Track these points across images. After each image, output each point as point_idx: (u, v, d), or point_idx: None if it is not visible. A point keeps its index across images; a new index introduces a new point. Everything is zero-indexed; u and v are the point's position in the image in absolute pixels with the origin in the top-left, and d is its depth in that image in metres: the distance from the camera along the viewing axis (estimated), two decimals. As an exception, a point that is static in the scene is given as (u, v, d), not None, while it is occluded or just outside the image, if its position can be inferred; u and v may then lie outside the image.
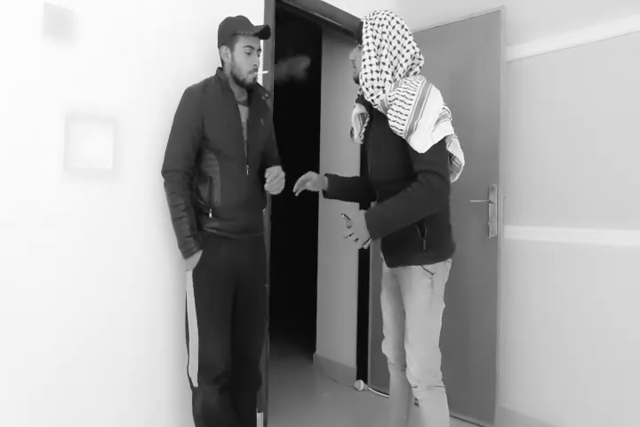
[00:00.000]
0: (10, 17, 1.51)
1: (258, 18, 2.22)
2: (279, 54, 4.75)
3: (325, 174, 1.91)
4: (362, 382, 2.91)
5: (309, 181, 1.83)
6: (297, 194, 1.86)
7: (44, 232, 1.58)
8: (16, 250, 1.52)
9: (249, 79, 1.77)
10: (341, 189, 1.91)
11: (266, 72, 1.85)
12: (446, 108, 1.61)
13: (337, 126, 3.15)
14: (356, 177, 2.00)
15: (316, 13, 2.54)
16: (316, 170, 3.35)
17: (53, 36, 1.60)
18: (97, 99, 1.71)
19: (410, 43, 1.65)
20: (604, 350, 2.12)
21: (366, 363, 2.93)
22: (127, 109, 1.78)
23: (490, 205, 2.39)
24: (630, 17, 2.07)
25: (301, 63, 4.77)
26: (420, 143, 1.52)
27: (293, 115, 5.63)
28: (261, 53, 1.88)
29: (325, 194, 1.91)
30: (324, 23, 2.69)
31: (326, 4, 2.57)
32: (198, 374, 1.68)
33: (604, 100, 2.15)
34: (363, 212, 1.56)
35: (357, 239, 1.55)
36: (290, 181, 1.81)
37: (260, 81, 2.22)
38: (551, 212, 2.30)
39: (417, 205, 1.53)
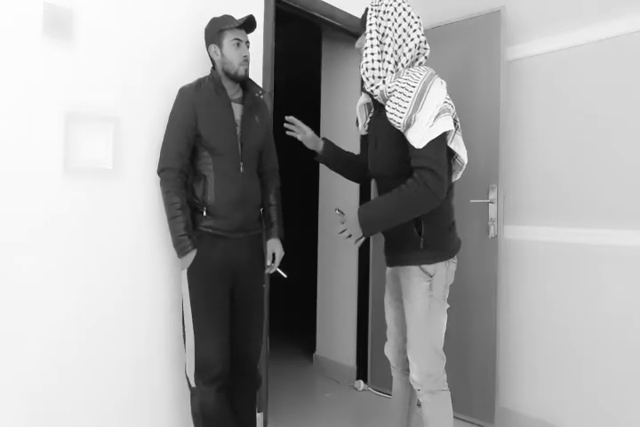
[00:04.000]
0: (10, 17, 1.51)
1: (258, 18, 2.22)
2: (279, 54, 4.75)
3: (323, 138, 1.88)
4: (362, 382, 2.91)
5: (303, 133, 1.84)
6: (285, 125, 1.86)
7: (43, 232, 1.58)
8: (16, 250, 1.52)
9: (240, 71, 1.77)
10: (334, 157, 1.87)
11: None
12: (449, 102, 1.52)
13: (337, 125, 3.15)
14: (353, 153, 1.94)
15: (315, 13, 2.54)
16: (316, 169, 3.35)
17: (53, 36, 1.59)
18: (97, 99, 1.70)
19: (415, 31, 1.57)
20: (604, 350, 2.11)
21: (366, 363, 2.93)
22: (127, 109, 1.78)
23: (490, 204, 2.39)
24: (630, 17, 2.07)
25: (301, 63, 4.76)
26: (418, 138, 1.45)
27: (293, 114, 5.62)
28: (251, 46, 1.87)
29: (317, 156, 1.88)
30: (323, 23, 2.69)
31: (326, 3, 2.57)
32: (195, 375, 1.68)
33: (604, 100, 2.15)
34: (356, 208, 1.53)
35: (350, 236, 1.51)
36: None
37: (259, 80, 2.22)
38: (551, 212, 2.30)
39: (410, 203, 1.47)
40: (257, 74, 2.21)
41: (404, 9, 1.59)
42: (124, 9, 1.78)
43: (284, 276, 1.99)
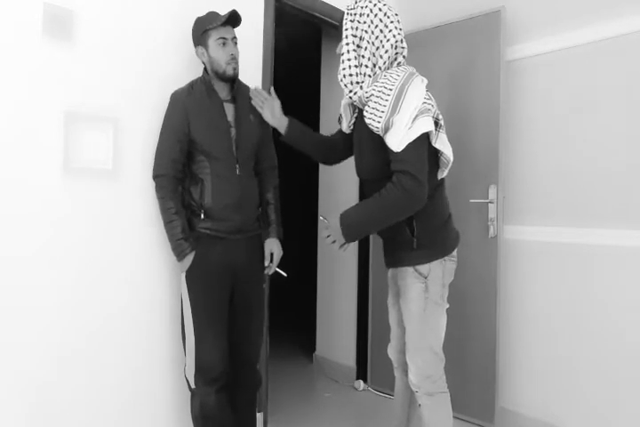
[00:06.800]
0: (10, 17, 1.51)
1: (258, 18, 2.22)
2: (279, 54, 4.75)
3: (288, 116, 1.86)
4: (362, 382, 2.91)
5: (270, 107, 1.81)
6: (250, 94, 1.84)
7: (42, 232, 1.58)
8: (16, 250, 1.52)
9: (228, 71, 1.74)
10: (301, 136, 1.86)
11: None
12: (429, 101, 1.49)
13: (336, 126, 3.14)
14: (321, 135, 1.95)
15: (315, 13, 2.54)
16: (316, 169, 3.35)
17: (53, 36, 1.59)
18: (97, 99, 1.70)
19: (391, 31, 1.54)
20: (603, 350, 2.11)
21: (366, 363, 2.93)
22: (127, 109, 1.78)
23: (490, 204, 2.39)
24: (631, 17, 2.07)
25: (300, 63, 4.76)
26: (396, 141, 1.43)
27: (293, 113, 5.61)
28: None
29: (281, 135, 1.86)
30: (323, 23, 2.69)
31: (326, 4, 2.57)
32: (195, 376, 1.68)
33: (604, 100, 2.15)
34: (339, 214, 1.51)
35: (335, 241, 1.51)
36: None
37: (259, 79, 2.22)
38: (551, 212, 2.30)
39: (390, 207, 1.46)
40: (257, 73, 2.21)
41: (380, 9, 1.56)
42: (125, 9, 1.77)
43: (284, 275, 1.98)
